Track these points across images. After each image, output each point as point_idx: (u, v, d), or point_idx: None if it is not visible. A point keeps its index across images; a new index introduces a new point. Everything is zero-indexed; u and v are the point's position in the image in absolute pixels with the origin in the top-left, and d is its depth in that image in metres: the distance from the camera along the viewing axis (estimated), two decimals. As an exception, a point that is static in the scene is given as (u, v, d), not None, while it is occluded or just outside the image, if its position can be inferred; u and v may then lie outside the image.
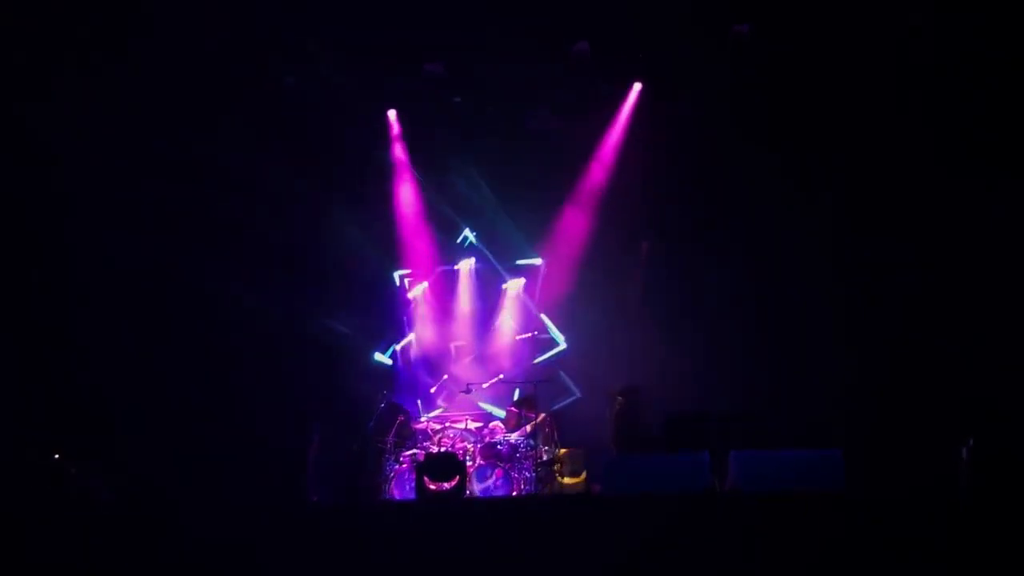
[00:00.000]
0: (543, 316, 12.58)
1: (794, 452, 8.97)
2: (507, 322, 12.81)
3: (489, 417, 12.01)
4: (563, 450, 11.22)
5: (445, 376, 12.47)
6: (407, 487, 10.92)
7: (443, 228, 12.92)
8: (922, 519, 7.42)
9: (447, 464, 10.19)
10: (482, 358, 12.68)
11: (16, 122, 11.18)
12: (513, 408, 11.66)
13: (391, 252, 12.91)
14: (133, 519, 8.38)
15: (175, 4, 10.71)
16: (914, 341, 11.19)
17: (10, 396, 10.96)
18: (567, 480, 11.16)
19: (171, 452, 11.17)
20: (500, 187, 12.60)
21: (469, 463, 10.86)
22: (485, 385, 12.04)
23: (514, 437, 11.30)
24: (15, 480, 9.08)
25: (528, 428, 11.27)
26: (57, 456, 9.57)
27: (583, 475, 11.17)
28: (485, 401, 12.23)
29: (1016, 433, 8.68)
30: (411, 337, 12.84)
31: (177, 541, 8.02)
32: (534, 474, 10.95)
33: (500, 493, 10.91)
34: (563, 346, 12.40)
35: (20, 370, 11.23)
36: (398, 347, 12.75)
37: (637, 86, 12.55)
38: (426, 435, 11.54)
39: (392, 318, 12.83)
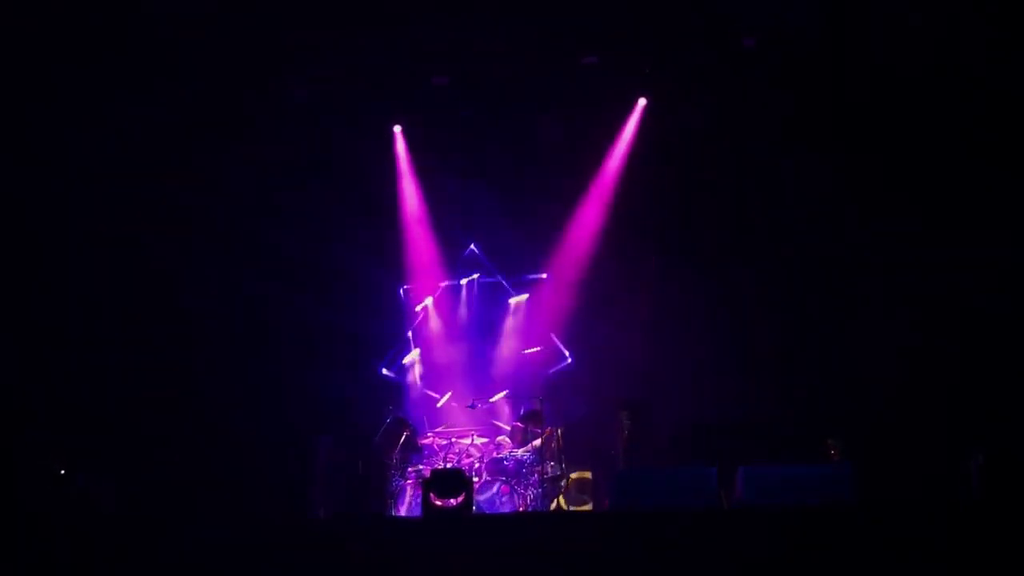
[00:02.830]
0: (548, 331, 12.53)
1: (802, 466, 8.91)
2: (513, 337, 12.77)
3: (495, 432, 11.96)
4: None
5: (451, 391, 12.42)
6: (412, 502, 10.86)
7: (449, 242, 12.90)
8: (933, 534, 7.37)
9: (454, 480, 10.11)
10: (488, 373, 12.63)
11: (20, 124, 11.19)
12: (519, 424, 11.60)
13: (397, 266, 12.89)
14: (136, 530, 8.35)
15: (183, 12, 10.70)
16: (925, 352, 11.16)
17: (14, 400, 10.93)
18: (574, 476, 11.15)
19: (175, 465, 11.11)
20: (506, 200, 12.57)
21: (475, 479, 10.80)
22: (491, 400, 11.99)
23: (520, 453, 11.25)
24: (19, 486, 9.05)
25: (534, 444, 11.21)
26: (61, 464, 9.53)
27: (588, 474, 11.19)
28: (491, 416, 12.17)
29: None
30: (416, 351, 12.81)
31: (179, 553, 7.99)
32: (540, 490, 10.89)
33: (506, 509, 10.85)
34: (569, 360, 12.34)
35: (23, 375, 11.19)
36: (404, 361, 12.72)
37: (642, 101, 12.56)
38: (432, 450, 11.50)
39: (397, 332, 12.79)
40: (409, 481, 11.03)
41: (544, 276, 12.75)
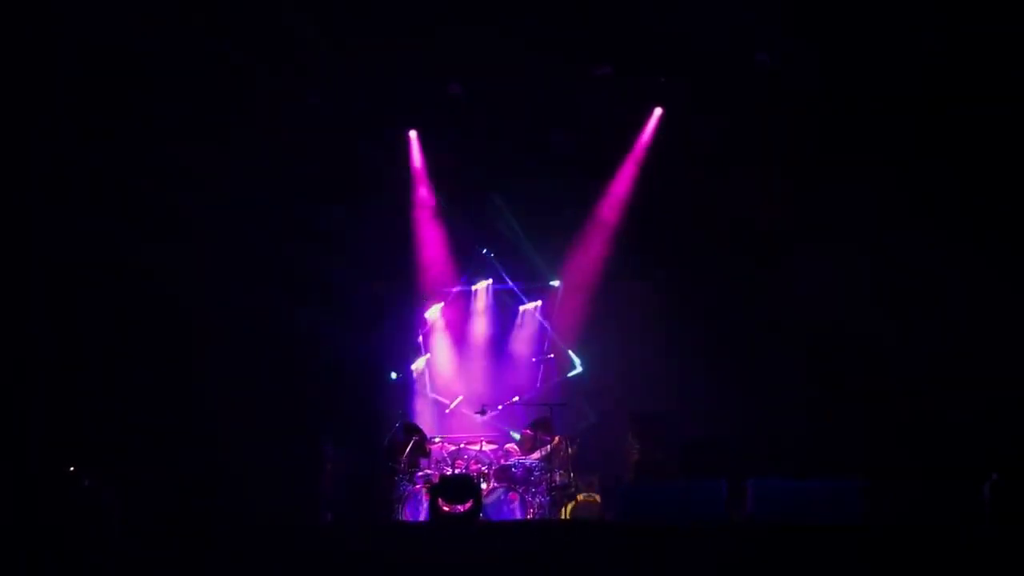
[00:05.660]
0: (559, 339, 12.52)
1: (812, 482, 8.86)
2: (523, 344, 12.77)
3: (504, 439, 11.95)
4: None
5: (460, 397, 12.41)
6: (419, 508, 10.85)
7: (461, 248, 12.90)
8: (943, 554, 7.32)
9: (462, 486, 10.12)
10: (498, 380, 12.62)
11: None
12: (528, 431, 11.59)
13: (408, 271, 12.89)
14: (141, 532, 8.36)
15: (195, 18, 10.72)
16: (938, 370, 11.14)
17: (16, 404, 10.92)
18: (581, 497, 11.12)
19: (182, 468, 11.10)
20: (519, 208, 12.58)
21: (483, 486, 10.79)
22: (500, 407, 11.98)
23: (529, 460, 11.23)
24: (26, 491, 9.05)
25: (543, 451, 11.20)
26: (67, 466, 9.54)
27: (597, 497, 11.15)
28: (500, 423, 12.16)
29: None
30: (427, 357, 12.82)
31: (187, 556, 7.99)
32: (548, 498, 10.87)
33: (514, 517, 10.82)
34: (579, 369, 12.33)
35: (27, 380, 11.18)
36: (414, 367, 12.72)
37: (658, 111, 12.55)
38: (440, 456, 11.49)
39: (408, 338, 12.79)
40: (417, 486, 11.02)
41: (556, 284, 12.75)
